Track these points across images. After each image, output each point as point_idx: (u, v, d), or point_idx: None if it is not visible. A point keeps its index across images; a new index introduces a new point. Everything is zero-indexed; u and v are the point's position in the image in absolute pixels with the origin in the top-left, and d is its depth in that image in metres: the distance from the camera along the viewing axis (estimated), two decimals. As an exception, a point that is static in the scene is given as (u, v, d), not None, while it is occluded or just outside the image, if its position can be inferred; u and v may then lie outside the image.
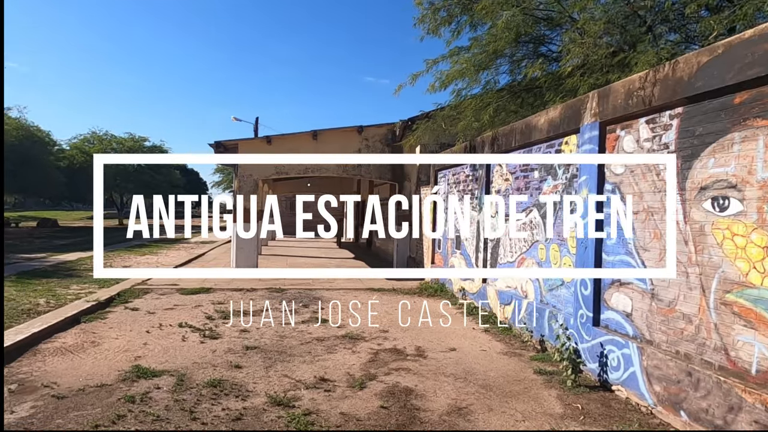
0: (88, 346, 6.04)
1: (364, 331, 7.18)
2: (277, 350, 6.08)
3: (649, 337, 4.56)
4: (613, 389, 4.91)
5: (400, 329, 7.35)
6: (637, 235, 4.76)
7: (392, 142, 13.75)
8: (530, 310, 6.70)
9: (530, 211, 6.93)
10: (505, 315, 7.45)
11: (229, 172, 41.37)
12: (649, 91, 4.52)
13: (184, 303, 8.74)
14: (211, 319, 7.58)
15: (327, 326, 7.39)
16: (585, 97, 5.58)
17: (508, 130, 7.60)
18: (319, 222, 19.95)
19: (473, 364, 5.76)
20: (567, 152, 6.07)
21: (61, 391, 4.60)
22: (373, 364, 5.67)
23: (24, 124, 29.04)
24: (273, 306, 8.70)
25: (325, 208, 19.51)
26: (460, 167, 9.91)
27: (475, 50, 8.81)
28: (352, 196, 22.33)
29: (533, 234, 6.84)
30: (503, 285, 7.72)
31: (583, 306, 5.44)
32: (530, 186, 6.97)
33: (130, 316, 7.63)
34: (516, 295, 7.23)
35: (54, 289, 10.19)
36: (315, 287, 10.66)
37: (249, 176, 13.07)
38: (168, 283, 10.73)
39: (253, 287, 10.43)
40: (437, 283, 10.65)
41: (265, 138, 13.15)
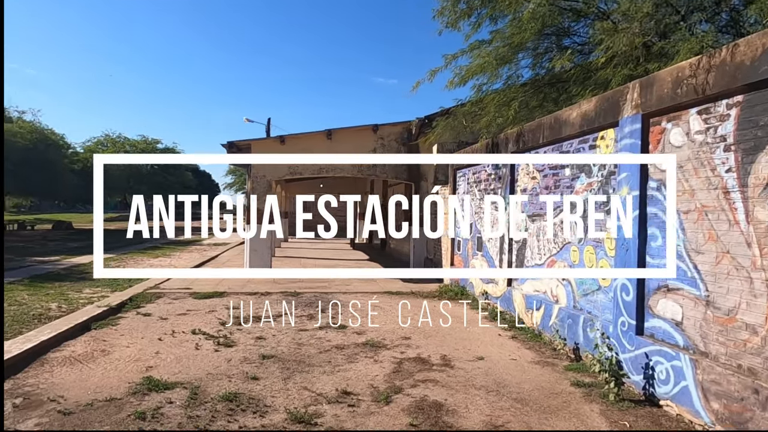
0: (98, 355, 5.77)
1: (385, 337, 6.83)
2: (295, 359, 5.75)
3: (704, 349, 4.15)
4: (661, 404, 4.51)
5: (422, 335, 7.00)
6: (687, 236, 4.36)
7: (408, 141, 13.39)
8: (562, 316, 6.30)
9: (561, 211, 6.53)
10: (534, 321, 7.06)
11: (241, 173, 41.34)
12: (702, 78, 4.12)
13: (198, 308, 8.46)
14: (225, 325, 7.29)
15: (346, 332, 7.06)
16: (624, 88, 5.18)
17: (535, 125, 7.21)
18: (339, 220, 19.51)
19: (504, 375, 5.39)
20: (603, 147, 5.67)
21: (68, 405, 4.31)
22: (397, 375, 5.32)
23: (38, 127, 29.20)
24: (289, 311, 8.39)
25: (334, 210, 19.23)
26: (480, 165, 9.52)
27: (498, 43, 8.43)
28: (372, 197, 21.96)
29: (564, 235, 6.44)
30: (531, 289, 7.33)
31: (625, 313, 5.04)
32: (561, 184, 6.57)
33: (142, 322, 7.37)
34: (545, 299, 6.83)
35: (66, 293, 10.00)
36: (331, 290, 10.34)
37: (262, 177, 12.80)
38: (181, 286, 10.48)
39: (268, 291, 10.14)
40: (457, 286, 10.28)
41: (279, 138, 12.87)
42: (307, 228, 21.83)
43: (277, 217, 12.82)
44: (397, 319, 7.96)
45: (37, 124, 29.24)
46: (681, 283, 4.41)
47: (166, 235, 30.12)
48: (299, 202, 21.93)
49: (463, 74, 8.89)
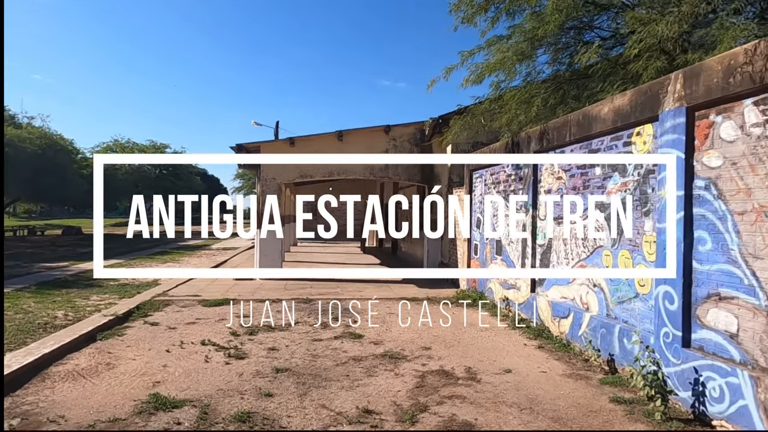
0: (102, 369, 5.45)
1: (404, 348, 6.46)
2: (311, 373, 5.40)
3: (765, 365, 3.74)
4: (714, 425, 4.10)
5: (443, 345, 6.62)
6: (743, 239, 3.96)
7: (421, 142, 13.03)
8: (594, 325, 5.90)
9: (591, 213, 6.14)
10: (561, 329, 6.66)
11: (249, 177, 41.16)
12: (759, 65, 3.73)
13: (207, 316, 8.15)
14: (236, 335, 6.96)
15: (362, 342, 6.70)
16: (665, 80, 4.79)
17: (561, 122, 6.83)
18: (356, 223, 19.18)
19: (536, 390, 5.00)
20: (639, 144, 5.28)
21: (68, 427, 3.99)
22: (421, 390, 4.95)
23: (47, 132, 29.18)
24: (302, 318, 8.05)
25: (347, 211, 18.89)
26: (499, 166, 9.14)
27: (517, 37, 8.07)
28: (393, 197, 21.39)
29: (595, 238, 6.05)
30: (557, 295, 6.93)
31: (668, 323, 4.64)
32: (590, 184, 6.18)
33: (149, 332, 7.06)
34: (574, 307, 6.43)
35: (73, 300, 9.75)
36: (344, 297, 9.99)
37: (272, 180, 12.49)
38: (189, 293, 10.18)
39: (279, 297, 9.81)
40: (475, 292, 9.88)
41: (288, 140, 12.57)
42: (308, 228, 21.72)
43: (277, 218, 12.45)
44: (415, 327, 7.60)
45: (46, 130, 29.24)
46: (736, 291, 4.01)
47: (176, 239, 29.99)
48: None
49: (480, 71, 8.55)
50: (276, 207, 12.38)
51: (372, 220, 22.30)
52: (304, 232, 22.17)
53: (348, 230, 20.09)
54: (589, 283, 6.16)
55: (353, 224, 20.20)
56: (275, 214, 12.36)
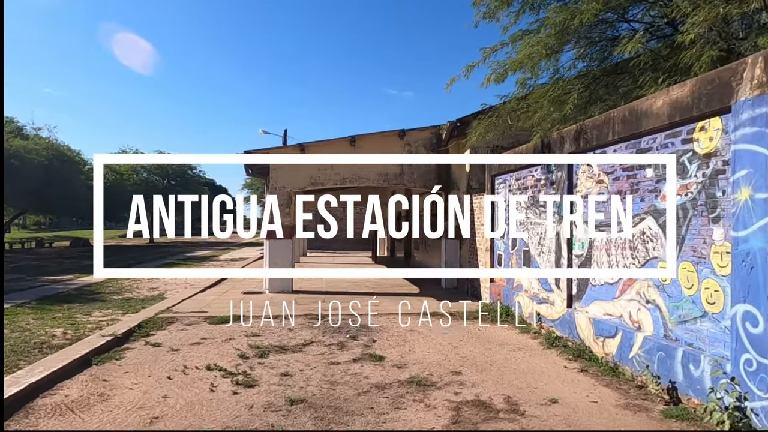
0: (95, 400, 4.83)
1: (432, 372, 5.79)
2: (330, 404, 4.75)
3: None
4: (821, 474, 3.40)
5: (474, 368, 5.94)
6: None
7: (438, 147, 12.41)
8: (649, 347, 5.20)
9: (641, 220, 5.47)
10: (606, 350, 5.96)
11: (258, 186, 40.74)
12: None
13: (213, 335, 7.52)
14: (244, 357, 6.32)
15: (384, 366, 6.04)
16: (739, 65, 4.14)
17: (601, 120, 6.18)
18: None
19: (591, 425, 4.31)
20: (704, 141, 4.61)
21: (47, 479, 3.37)
22: (458, 426, 4.28)
23: (54, 143, 28.91)
24: (315, 338, 7.41)
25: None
26: (527, 170, 8.49)
27: (547, 30, 7.46)
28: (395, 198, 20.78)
29: (647, 249, 5.37)
30: (599, 312, 6.23)
31: (751, 349, 3.94)
32: (640, 188, 5.51)
33: (150, 355, 6.45)
34: (623, 325, 5.73)
35: (74, 317, 9.22)
36: (359, 312, 9.33)
37: (282, 188, 11.92)
38: (195, 309, 9.58)
39: (290, 314, 9.17)
40: (501, 306, 9.18)
41: (299, 146, 11.99)
42: (307, 228, 21.34)
43: (277, 218, 11.87)
44: (440, 347, 6.93)
45: (53, 141, 28.97)
46: None
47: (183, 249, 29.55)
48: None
49: (504, 68, 7.94)
50: (285, 216, 11.79)
51: (395, 228, 21.67)
52: (304, 232, 21.79)
53: (358, 236, 19.69)
54: (640, 299, 5.46)
55: (360, 231, 19.72)
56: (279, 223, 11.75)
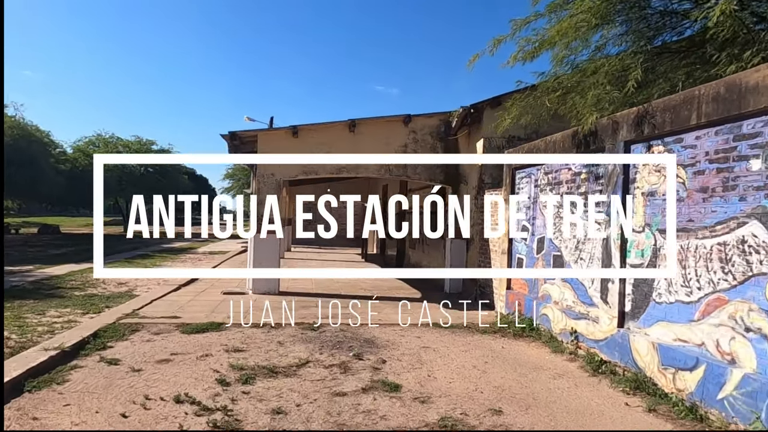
0: (12, 455, 3.48)
1: (465, 410, 4.55)
2: (342, 465, 3.47)
3: None
4: None
5: (516, 405, 4.73)
6: None
7: (446, 136, 11.16)
8: (752, 388, 4.05)
9: (740, 225, 4.30)
10: (680, 385, 4.79)
11: (240, 177, 39.02)
12: None
13: (186, 350, 6.16)
14: (224, 384, 4.98)
15: (403, 399, 4.77)
16: None
17: (679, 100, 4.99)
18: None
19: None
20: None
21: None
22: None
23: (20, 122, 26.83)
24: (311, 355, 6.10)
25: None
26: (559, 162, 7.30)
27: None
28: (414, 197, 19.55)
29: (749, 263, 4.20)
30: (668, 336, 5.07)
31: None
32: (739, 184, 4.35)
33: (103, 378, 5.07)
34: (705, 356, 4.57)
35: (24, 317, 7.85)
36: (359, 321, 8.04)
37: (270, 176, 10.55)
38: (166, 314, 8.17)
39: (279, 321, 7.83)
40: (521, 318, 8.00)
41: (291, 128, 10.61)
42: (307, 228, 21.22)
43: (280, 219, 10.58)
44: (463, 371, 5.70)
45: (19, 119, 26.88)
46: None
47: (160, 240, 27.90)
48: (299, 202, 20.70)
49: (543, 38, 6.76)
50: (276, 207, 10.44)
51: (373, 222, 20.64)
52: (304, 232, 21.42)
53: (347, 232, 18.95)
54: (735, 325, 4.30)
55: (353, 227, 18.92)
56: (275, 216, 10.42)
